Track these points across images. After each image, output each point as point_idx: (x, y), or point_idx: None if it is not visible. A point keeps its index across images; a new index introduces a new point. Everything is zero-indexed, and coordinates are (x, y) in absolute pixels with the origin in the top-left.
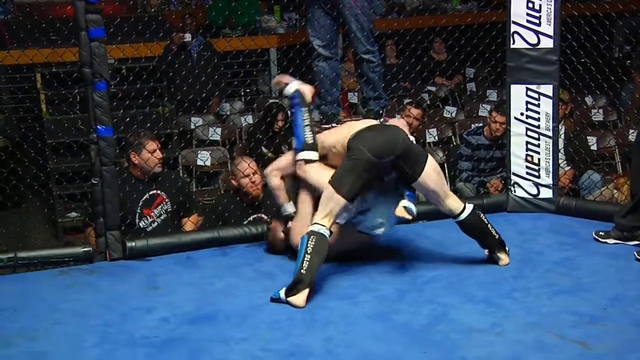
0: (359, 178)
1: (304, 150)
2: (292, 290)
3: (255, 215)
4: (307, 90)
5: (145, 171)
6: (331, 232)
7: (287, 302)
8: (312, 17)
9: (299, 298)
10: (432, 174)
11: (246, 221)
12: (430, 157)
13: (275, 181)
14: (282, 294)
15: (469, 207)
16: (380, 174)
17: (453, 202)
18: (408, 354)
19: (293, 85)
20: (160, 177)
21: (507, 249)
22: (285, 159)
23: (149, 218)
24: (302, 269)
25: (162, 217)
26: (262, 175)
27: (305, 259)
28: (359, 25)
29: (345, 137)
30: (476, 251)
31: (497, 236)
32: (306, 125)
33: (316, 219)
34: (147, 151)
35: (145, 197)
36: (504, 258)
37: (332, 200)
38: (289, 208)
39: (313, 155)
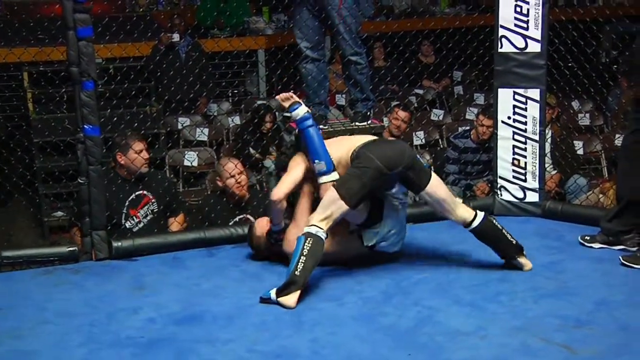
0: (365, 186)
1: (332, 172)
2: (283, 290)
3: (241, 216)
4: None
5: (131, 171)
6: (327, 235)
7: (278, 303)
8: (300, 19)
9: (290, 299)
10: (438, 184)
11: (232, 222)
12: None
13: (284, 205)
14: (272, 294)
15: (480, 214)
16: (385, 185)
17: (464, 211)
18: (393, 356)
19: (304, 107)
20: (147, 177)
21: (524, 253)
22: (291, 180)
23: (135, 218)
24: (297, 270)
25: (148, 218)
26: (248, 176)
27: (300, 260)
28: (346, 27)
29: (349, 152)
30: (463, 254)
31: (514, 241)
32: (324, 147)
33: (314, 221)
34: (133, 151)
35: (131, 197)
36: (525, 263)
37: (335, 205)
38: (279, 228)
39: (336, 176)
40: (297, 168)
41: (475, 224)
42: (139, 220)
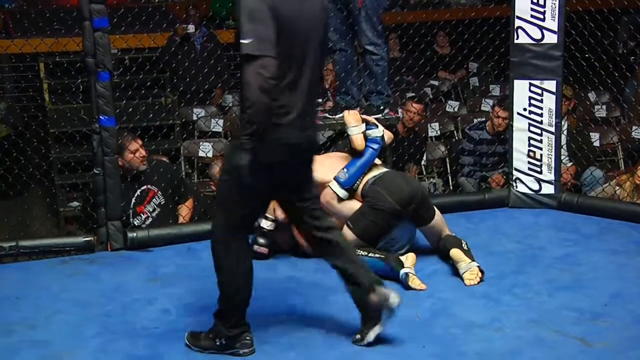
0: (378, 227)
1: (344, 190)
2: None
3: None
4: (388, 138)
5: (130, 171)
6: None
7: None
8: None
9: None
10: (439, 214)
11: None
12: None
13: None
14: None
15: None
16: (398, 222)
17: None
18: (408, 347)
19: (380, 130)
20: (148, 171)
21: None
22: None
23: (142, 215)
24: (385, 258)
25: (155, 212)
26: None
27: (379, 257)
28: (364, 15)
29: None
30: (478, 246)
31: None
32: (363, 173)
33: None
34: (129, 152)
35: (136, 194)
36: (470, 278)
37: (355, 243)
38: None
39: (346, 197)
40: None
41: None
42: (147, 217)
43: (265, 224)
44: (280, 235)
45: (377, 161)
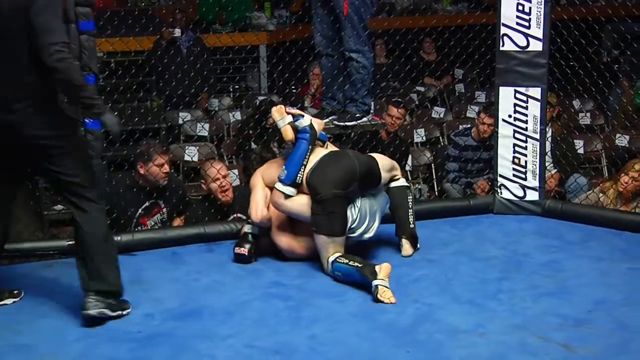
0: (336, 213)
1: (289, 186)
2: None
3: (234, 215)
4: (318, 127)
5: (150, 183)
6: (341, 254)
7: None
8: (315, 13)
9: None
10: (383, 164)
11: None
12: (376, 155)
13: (268, 215)
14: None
15: (403, 181)
16: (350, 199)
17: (398, 174)
18: (392, 353)
19: (307, 119)
20: (164, 187)
21: (414, 242)
22: (261, 196)
23: (143, 227)
24: (361, 268)
25: (155, 227)
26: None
27: (356, 266)
28: (350, 22)
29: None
30: (462, 252)
31: (412, 225)
32: (303, 164)
33: (326, 262)
34: (154, 165)
35: (145, 205)
36: (406, 249)
37: (329, 245)
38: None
39: (293, 192)
40: (258, 184)
41: (393, 184)
42: (146, 229)
43: (248, 228)
44: (260, 240)
45: (320, 148)
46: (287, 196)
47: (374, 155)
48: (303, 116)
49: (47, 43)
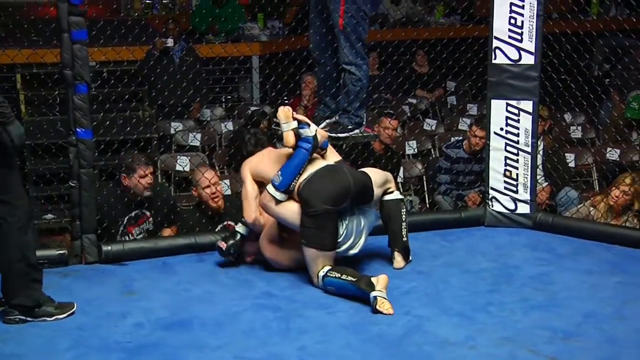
0: (326, 227)
1: (282, 193)
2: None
3: (224, 223)
4: (321, 138)
5: (134, 194)
6: (331, 267)
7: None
8: (311, 23)
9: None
10: (376, 180)
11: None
12: (370, 170)
13: (261, 219)
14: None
15: (397, 194)
16: (339, 217)
17: (392, 187)
18: None
19: (312, 129)
20: (152, 197)
21: (406, 255)
22: (252, 197)
23: (129, 236)
24: (356, 282)
25: (140, 236)
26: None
27: (350, 280)
28: (344, 35)
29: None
30: (453, 264)
31: (404, 238)
32: (299, 173)
33: (315, 276)
34: (137, 176)
35: (131, 214)
36: (398, 261)
37: (319, 259)
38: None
39: (284, 198)
40: (247, 180)
41: (387, 197)
42: (133, 238)
43: (239, 227)
44: (248, 245)
45: (317, 158)
46: (278, 201)
47: (368, 170)
48: (309, 125)
49: None
